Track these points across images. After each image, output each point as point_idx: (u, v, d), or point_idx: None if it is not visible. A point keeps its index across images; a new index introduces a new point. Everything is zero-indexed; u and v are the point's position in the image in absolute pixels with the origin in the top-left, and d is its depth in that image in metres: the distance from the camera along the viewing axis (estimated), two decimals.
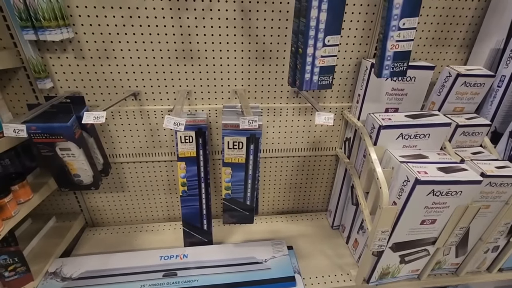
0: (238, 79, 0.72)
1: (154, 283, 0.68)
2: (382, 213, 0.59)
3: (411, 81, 0.69)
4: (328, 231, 0.90)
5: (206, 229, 0.79)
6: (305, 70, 0.53)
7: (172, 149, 0.79)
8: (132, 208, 0.89)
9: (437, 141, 0.67)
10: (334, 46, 0.52)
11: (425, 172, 0.57)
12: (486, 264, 0.77)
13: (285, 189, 0.92)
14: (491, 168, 0.61)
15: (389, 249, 0.66)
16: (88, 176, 0.69)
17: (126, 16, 0.62)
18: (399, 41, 0.52)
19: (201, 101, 0.74)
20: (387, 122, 0.64)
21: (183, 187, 0.74)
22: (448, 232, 0.64)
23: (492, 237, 0.68)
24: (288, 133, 0.81)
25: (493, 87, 0.68)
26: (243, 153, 0.62)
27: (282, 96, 0.76)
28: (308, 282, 0.73)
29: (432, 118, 0.66)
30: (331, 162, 0.89)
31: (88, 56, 0.65)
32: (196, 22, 0.64)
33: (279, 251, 0.77)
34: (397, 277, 0.73)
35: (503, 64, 0.65)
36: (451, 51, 0.75)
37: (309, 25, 0.49)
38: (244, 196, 0.69)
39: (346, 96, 0.78)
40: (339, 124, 0.82)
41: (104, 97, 0.70)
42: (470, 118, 0.69)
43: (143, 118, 0.74)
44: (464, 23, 0.71)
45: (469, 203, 0.60)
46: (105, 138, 0.75)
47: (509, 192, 0.62)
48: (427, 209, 0.60)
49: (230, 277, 0.70)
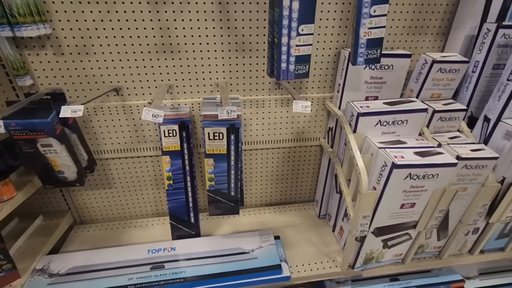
0: (219, 72, 0.73)
1: (141, 275, 0.69)
2: (362, 198, 0.60)
3: (389, 69, 0.70)
4: (315, 220, 0.92)
5: (193, 222, 0.80)
6: (281, 59, 0.54)
7: (157, 143, 0.79)
8: (120, 204, 0.89)
9: (415, 127, 0.68)
10: (309, 35, 0.53)
11: (402, 157, 0.58)
12: (467, 246, 0.79)
13: (272, 181, 0.93)
14: (466, 151, 0.62)
15: (372, 234, 0.68)
16: (72, 172, 0.69)
17: (104, 11, 0.62)
18: (371, 28, 0.53)
19: (184, 95, 0.75)
20: (365, 110, 0.65)
21: (168, 181, 0.74)
22: (428, 216, 0.66)
23: (471, 219, 0.70)
24: (272, 124, 0.82)
25: (468, 73, 0.70)
26: (224, 144, 0.62)
27: (264, 88, 0.77)
28: (295, 269, 0.75)
29: (409, 104, 0.67)
30: (316, 152, 0.90)
31: (67, 52, 0.65)
32: (175, 15, 0.65)
33: (266, 241, 0.79)
34: (381, 262, 0.75)
35: (477, 50, 0.67)
36: (428, 39, 0.76)
37: (282, 14, 0.50)
38: (228, 187, 0.69)
39: (328, 86, 0.79)
40: (321, 115, 0.83)
41: (85, 93, 0.70)
42: (446, 104, 0.70)
43: (126, 113, 0.74)
44: (439, 11, 0.73)
45: (446, 186, 0.62)
46: (89, 135, 0.75)
47: (485, 174, 0.64)
48: (406, 193, 0.61)
49: (217, 267, 0.71)
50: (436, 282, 0.83)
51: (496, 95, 0.64)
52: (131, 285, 0.66)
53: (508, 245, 0.81)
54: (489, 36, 0.64)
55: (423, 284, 0.82)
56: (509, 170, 0.66)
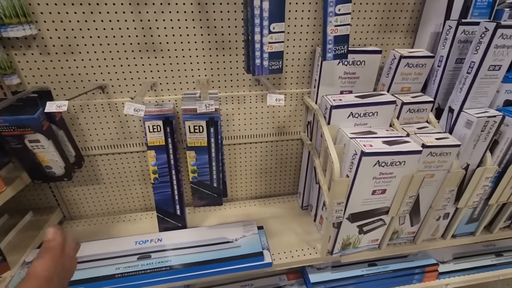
0: (201, 69, 0.76)
1: (128, 265, 0.72)
2: (335, 186, 0.64)
3: (361, 65, 0.75)
4: (298, 211, 0.96)
5: (179, 214, 0.83)
6: (255, 56, 0.58)
7: (142, 139, 0.82)
8: (108, 200, 0.92)
9: (385, 119, 0.73)
10: (280, 33, 0.57)
11: (371, 145, 0.63)
12: (440, 231, 0.84)
13: (256, 174, 0.97)
14: (431, 140, 0.67)
15: (347, 220, 0.72)
16: (60, 168, 0.72)
17: (87, 12, 0.65)
18: (337, 25, 0.57)
19: (167, 92, 0.78)
20: (337, 103, 0.69)
21: (154, 175, 0.77)
22: (399, 201, 0.70)
23: (440, 204, 0.74)
24: (253, 119, 0.85)
25: (434, 67, 0.74)
26: (204, 137, 0.66)
27: (245, 84, 0.80)
28: (277, 257, 0.78)
29: (379, 97, 0.71)
30: (297, 146, 0.94)
31: (53, 52, 0.68)
32: (156, 16, 0.68)
33: (250, 230, 0.82)
34: (359, 248, 0.79)
35: (441, 46, 0.72)
36: (398, 36, 0.81)
37: (254, 13, 0.54)
38: (210, 179, 0.73)
39: (305, 82, 0.83)
40: (301, 109, 0.87)
41: (71, 91, 0.73)
42: (415, 97, 0.75)
43: (112, 110, 0.77)
44: (408, 10, 0.78)
45: (413, 172, 0.66)
46: (76, 131, 0.78)
47: (450, 161, 0.68)
48: (376, 180, 0.65)
49: (201, 256, 0.74)
50: (411, 266, 0.87)
51: (458, 87, 0.69)
52: (118, 274, 0.69)
53: (478, 229, 0.86)
54: (451, 32, 0.69)
55: (399, 268, 0.87)
56: (472, 157, 0.70)
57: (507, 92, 0.69)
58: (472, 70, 0.65)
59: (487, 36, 0.61)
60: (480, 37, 0.62)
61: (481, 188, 0.74)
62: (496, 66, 0.64)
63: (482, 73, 0.64)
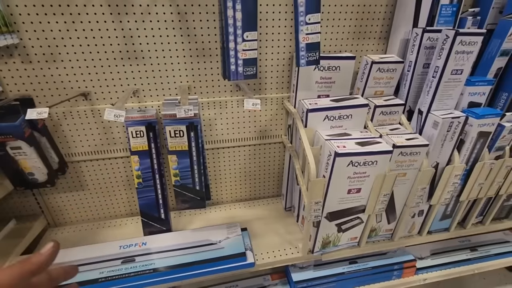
0: (182, 76, 0.79)
1: (112, 269, 0.72)
2: (311, 186, 0.67)
3: (337, 70, 0.78)
4: (282, 213, 0.98)
5: (163, 218, 0.84)
6: (230, 62, 0.61)
7: (126, 144, 0.84)
8: (93, 206, 0.92)
9: (359, 121, 0.76)
10: (253, 41, 0.60)
11: (344, 146, 0.66)
12: (416, 228, 0.88)
13: (240, 178, 0.99)
14: (401, 140, 0.70)
15: (325, 219, 0.74)
16: (43, 174, 0.73)
17: (69, 22, 0.67)
18: (308, 34, 0.60)
19: (150, 98, 0.80)
20: (313, 106, 0.72)
21: (138, 179, 0.79)
22: (374, 200, 0.74)
23: (414, 201, 0.78)
24: (235, 124, 0.88)
25: (404, 72, 0.79)
26: (185, 141, 0.68)
27: (226, 90, 0.83)
28: (260, 257, 0.80)
29: (352, 100, 0.75)
30: (279, 149, 0.97)
31: (35, 60, 0.69)
32: (137, 25, 0.70)
33: (233, 232, 0.84)
34: (339, 246, 0.82)
35: (409, 52, 0.76)
36: (371, 42, 0.85)
37: (228, 23, 0.57)
38: (193, 182, 0.75)
39: (285, 87, 0.86)
40: (281, 113, 0.90)
41: (54, 98, 0.74)
42: (387, 100, 0.79)
43: (95, 117, 0.78)
44: (379, 18, 0.82)
45: (386, 171, 0.70)
46: (59, 138, 0.79)
47: (420, 160, 0.72)
48: (350, 179, 0.68)
49: (185, 258, 0.75)
50: (390, 263, 0.90)
51: (425, 90, 0.73)
52: (102, 278, 0.70)
53: (452, 225, 0.90)
54: (418, 39, 0.73)
55: (379, 265, 0.90)
56: (440, 155, 0.74)
57: (470, 94, 0.73)
58: (436, 74, 0.69)
59: (448, 42, 0.65)
60: (442, 43, 0.67)
61: (451, 185, 0.78)
62: (458, 70, 0.69)
63: (446, 77, 0.69)
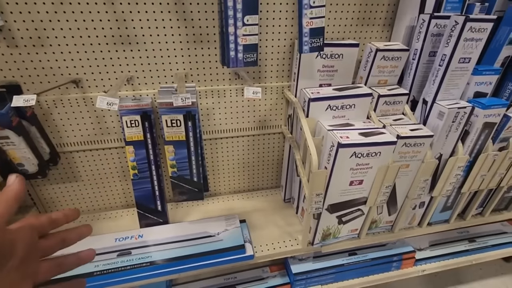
0: (179, 63, 0.75)
1: (108, 262, 0.70)
2: (313, 177, 0.65)
3: (339, 58, 0.75)
4: (281, 204, 0.97)
5: (160, 209, 0.82)
6: (230, 48, 0.57)
7: (121, 134, 0.80)
8: (87, 197, 0.90)
9: (362, 111, 0.74)
10: (254, 25, 0.56)
11: (347, 137, 0.64)
12: (416, 220, 0.87)
13: (239, 169, 0.97)
14: (405, 131, 0.69)
15: (326, 211, 0.73)
16: (33, 165, 0.70)
17: (57, 3, 0.63)
18: (312, 18, 0.57)
19: (145, 86, 0.76)
20: (315, 95, 0.70)
21: (133, 171, 0.76)
22: (376, 191, 0.72)
23: (415, 193, 0.77)
24: (234, 113, 0.85)
25: (409, 60, 0.76)
26: (182, 131, 0.65)
27: (225, 78, 0.80)
28: (259, 249, 0.79)
29: (356, 90, 0.73)
30: (279, 140, 0.94)
31: (21, 45, 0.65)
32: (130, 7, 0.66)
33: (232, 224, 0.82)
34: (339, 237, 0.81)
35: (415, 39, 0.73)
36: (375, 29, 0.82)
37: (227, 5, 0.53)
38: (190, 173, 0.72)
39: (285, 75, 0.83)
40: (281, 103, 0.87)
41: (43, 86, 0.70)
42: (391, 89, 0.76)
43: (87, 105, 0.75)
44: (384, 4, 0.79)
45: (389, 163, 0.68)
46: (50, 128, 0.76)
47: (423, 152, 0.71)
48: (353, 171, 0.67)
49: (183, 250, 0.74)
50: (390, 254, 0.90)
51: (431, 79, 0.71)
52: (97, 272, 0.68)
53: (452, 217, 0.89)
54: (424, 26, 0.70)
55: (378, 256, 0.89)
56: (444, 147, 0.73)
57: (477, 84, 0.71)
58: (443, 63, 0.67)
59: (457, 29, 0.63)
60: (451, 30, 0.64)
61: (454, 177, 0.77)
62: (466, 58, 0.66)
63: (453, 65, 0.66)
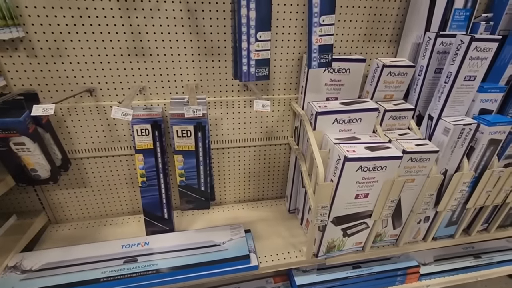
0: (190, 74, 0.77)
1: (114, 269, 0.71)
2: (319, 189, 0.66)
3: (347, 73, 0.77)
4: (285, 215, 0.97)
5: (166, 217, 0.83)
6: (242, 63, 0.59)
7: (131, 142, 0.82)
8: (95, 203, 0.91)
9: (368, 125, 0.75)
10: (266, 41, 0.58)
11: (354, 151, 0.65)
12: (421, 234, 0.87)
13: (245, 178, 0.98)
14: (411, 146, 0.69)
15: (331, 223, 0.73)
16: (46, 171, 0.71)
17: (76, 16, 0.65)
18: (321, 35, 0.59)
19: (156, 96, 0.78)
20: (322, 109, 0.71)
21: (142, 178, 0.78)
22: (381, 205, 0.73)
23: (420, 208, 0.77)
24: (241, 124, 0.87)
25: (415, 76, 0.78)
26: (192, 141, 0.67)
27: (234, 90, 0.82)
28: (263, 259, 0.79)
29: (362, 104, 0.74)
30: (285, 151, 0.96)
31: (40, 55, 0.68)
32: (145, 21, 0.69)
33: (237, 234, 0.83)
34: (343, 250, 0.81)
35: (421, 56, 0.75)
36: (382, 45, 0.84)
37: (241, 22, 0.55)
38: (198, 182, 0.74)
39: (293, 88, 0.85)
40: (288, 115, 0.89)
41: (59, 94, 0.73)
42: (397, 104, 0.78)
43: (100, 113, 0.77)
44: (391, 21, 0.81)
45: (395, 177, 0.69)
46: (63, 134, 0.78)
47: (429, 167, 0.71)
48: (359, 184, 0.68)
49: (188, 259, 0.75)
50: (394, 268, 0.90)
51: (436, 96, 0.72)
52: (104, 278, 0.69)
53: (457, 232, 0.89)
54: (430, 43, 0.72)
55: (382, 270, 0.89)
56: (450, 162, 0.74)
57: (482, 101, 0.72)
58: (449, 80, 0.68)
59: (462, 48, 0.64)
60: (456, 49, 0.65)
61: (459, 192, 0.77)
62: (471, 76, 0.68)
63: (459, 83, 0.68)
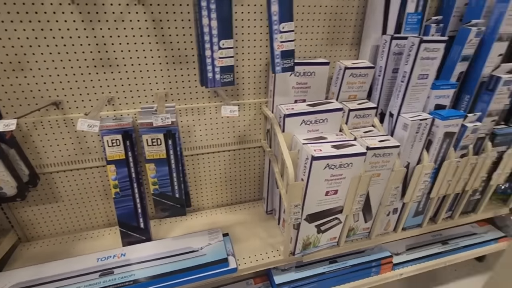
0: (159, 83, 0.78)
1: (90, 283, 0.70)
2: (290, 189, 0.69)
3: (312, 76, 0.81)
4: (263, 216, 0.99)
5: (143, 227, 0.82)
6: (207, 70, 0.61)
7: (102, 154, 0.81)
8: (68, 218, 0.89)
9: (334, 124, 0.79)
10: (229, 48, 0.61)
11: (320, 150, 0.68)
12: (391, 225, 0.92)
13: (221, 183, 0.99)
14: (374, 142, 0.74)
15: (305, 221, 0.76)
16: (12, 188, 0.69)
17: (37, 29, 0.65)
18: (283, 42, 0.62)
19: (126, 106, 0.78)
20: (290, 111, 0.74)
21: (115, 189, 0.77)
22: (351, 200, 0.76)
23: (388, 200, 0.82)
24: (214, 130, 0.88)
25: (376, 77, 0.82)
26: (163, 149, 0.67)
27: (204, 96, 0.83)
28: (242, 262, 0.81)
29: (327, 105, 0.78)
30: (259, 154, 0.98)
31: (1, 69, 0.66)
32: (110, 32, 0.69)
33: (215, 238, 0.84)
34: (319, 246, 0.84)
35: (379, 57, 0.80)
36: (344, 48, 0.89)
37: (203, 31, 0.57)
38: (172, 190, 0.74)
39: (263, 92, 0.88)
40: (260, 118, 0.91)
41: (23, 108, 0.71)
42: (360, 103, 0.82)
43: (68, 126, 0.76)
44: (350, 25, 0.85)
45: (361, 173, 0.73)
46: (29, 149, 0.76)
47: (392, 161, 0.76)
48: (328, 181, 0.71)
49: (166, 267, 0.74)
50: (368, 260, 0.93)
51: (395, 94, 0.77)
52: None
53: (424, 221, 0.95)
54: (386, 46, 0.77)
55: (357, 263, 0.93)
56: (411, 156, 0.78)
57: (436, 97, 0.78)
58: (405, 79, 0.73)
59: (413, 49, 0.69)
60: (409, 50, 0.71)
61: (422, 183, 0.82)
62: (424, 75, 0.73)
63: (413, 81, 0.73)
